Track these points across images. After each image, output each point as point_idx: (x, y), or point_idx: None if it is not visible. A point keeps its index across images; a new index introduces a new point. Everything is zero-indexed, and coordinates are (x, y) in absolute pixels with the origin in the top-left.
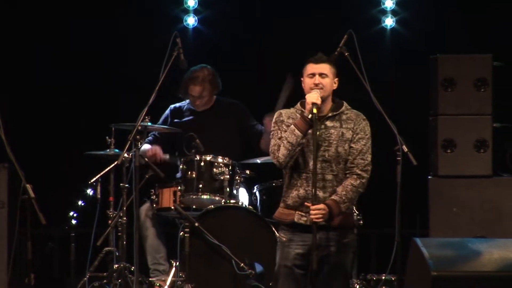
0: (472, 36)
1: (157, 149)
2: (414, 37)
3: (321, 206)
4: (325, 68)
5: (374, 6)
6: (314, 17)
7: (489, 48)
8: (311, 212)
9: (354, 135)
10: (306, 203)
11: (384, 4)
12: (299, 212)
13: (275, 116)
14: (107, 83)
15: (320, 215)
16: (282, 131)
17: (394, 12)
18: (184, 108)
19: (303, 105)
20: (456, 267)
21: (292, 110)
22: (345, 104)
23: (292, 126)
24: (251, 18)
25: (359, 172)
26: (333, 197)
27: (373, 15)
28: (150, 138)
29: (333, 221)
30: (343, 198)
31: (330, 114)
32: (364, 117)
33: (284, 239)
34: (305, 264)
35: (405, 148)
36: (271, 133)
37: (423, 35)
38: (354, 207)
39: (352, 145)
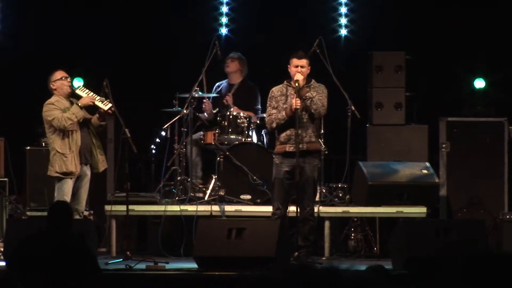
0: (394, 40)
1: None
2: (359, 41)
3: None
4: (303, 61)
5: (334, 22)
6: (297, 30)
7: (405, 47)
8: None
9: (317, 94)
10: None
11: (339, 21)
12: (289, 145)
13: (270, 93)
14: (174, 68)
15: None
16: (272, 107)
17: (346, 26)
18: (222, 84)
19: (288, 82)
20: (383, 179)
21: (280, 86)
22: (313, 80)
23: (283, 112)
24: (262, 30)
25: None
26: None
27: (333, 28)
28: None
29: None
30: (313, 101)
31: (305, 85)
32: (324, 86)
33: (278, 161)
34: (290, 177)
35: (353, 107)
36: (267, 106)
37: (365, 40)
38: (322, 142)
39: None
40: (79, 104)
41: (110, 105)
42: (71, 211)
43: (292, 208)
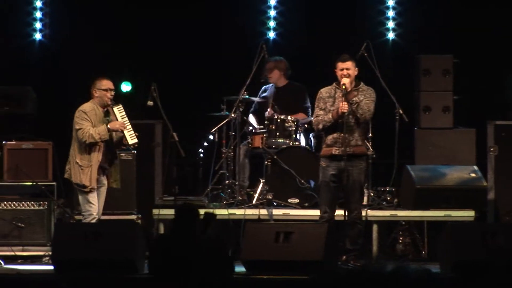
0: (442, 43)
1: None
2: (406, 44)
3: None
4: (348, 64)
5: (381, 26)
6: (345, 34)
7: (452, 50)
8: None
9: (364, 98)
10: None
11: (387, 24)
12: (335, 148)
13: (318, 94)
14: (222, 72)
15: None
16: (320, 109)
17: (393, 30)
18: (268, 87)
19: (337, 84)
20: (431, 183)
21: (329, 87)
22: (361, 83)
23: (330, 114)
24: (310, 34)
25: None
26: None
27: (381, 31)
28: (252, 109)
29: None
30: (360, 105)
31: (353, 89)
32: (372, 89)
33: (324, 165)
34: (336, 180)
35: (400, 111)
36: (315, 107)
37: (412, 43)
38: (370, 146)
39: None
40: (109, 127)
41: (136, 140)
42: (197, 213)
43: (340, 212)
